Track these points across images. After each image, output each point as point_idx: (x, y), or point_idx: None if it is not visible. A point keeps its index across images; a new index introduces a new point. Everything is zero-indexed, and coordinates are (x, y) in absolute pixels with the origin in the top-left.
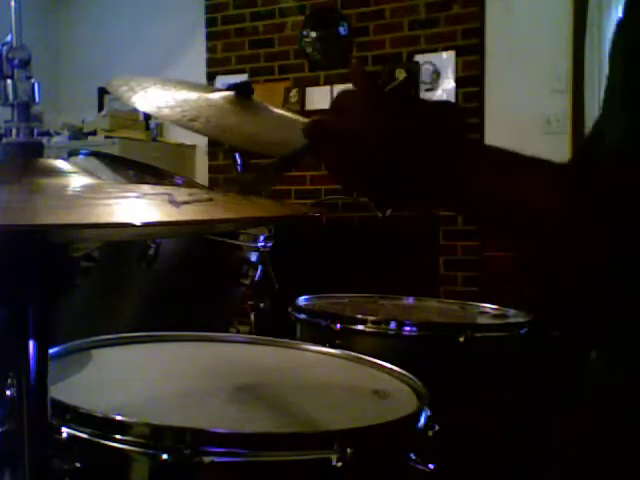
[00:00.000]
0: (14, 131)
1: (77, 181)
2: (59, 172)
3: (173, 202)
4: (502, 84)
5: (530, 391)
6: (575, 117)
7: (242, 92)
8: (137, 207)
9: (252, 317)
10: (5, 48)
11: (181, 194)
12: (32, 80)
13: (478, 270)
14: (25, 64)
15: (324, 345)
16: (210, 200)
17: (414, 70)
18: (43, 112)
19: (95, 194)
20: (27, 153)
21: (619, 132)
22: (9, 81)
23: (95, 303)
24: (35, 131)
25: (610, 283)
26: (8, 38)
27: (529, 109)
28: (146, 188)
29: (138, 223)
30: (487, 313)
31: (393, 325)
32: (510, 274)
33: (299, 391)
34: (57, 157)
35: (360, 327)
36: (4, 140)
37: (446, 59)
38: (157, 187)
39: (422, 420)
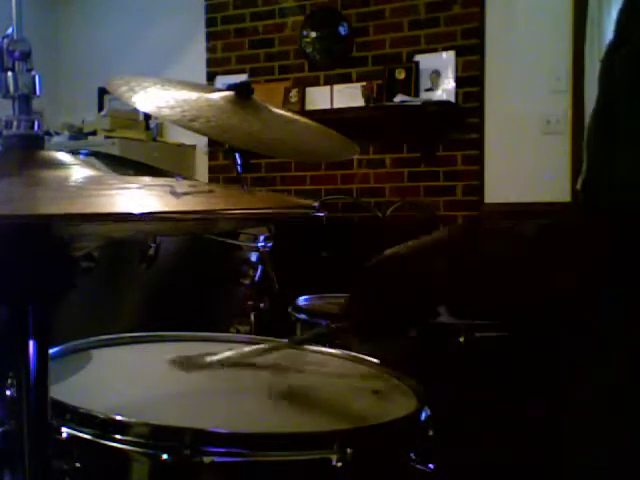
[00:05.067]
0: (15, 123)
1: (78, 173)
2: (60, 164)
3: (174, 193)
4: (502, 84)
5: (530, 391)
6: (575, 117)
7: (242, 92)
8: (138, 198)
9: (252, 317)
10: (6, 40)
11: (182, 185)
12: (33, 72)
13: None
14: (26, 56)
15: (324, 345)
16: (211, 191)
17: (414, 70)
18: (43, 111)
19: (96, 185)
20: (28, 145)
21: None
22: (10, 73)
23: (95, 303)
24: (36, 123)
25: (610, 282)
26: (9, 30)
27: (529, 109)
28: (147, 180)
29: (137, 212)
30: None
31: None
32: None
33: (299, 391)
34: None
35: None
36: (5, 132)
37: (446, 59)
38: (158, 179)
39: (422, 420)
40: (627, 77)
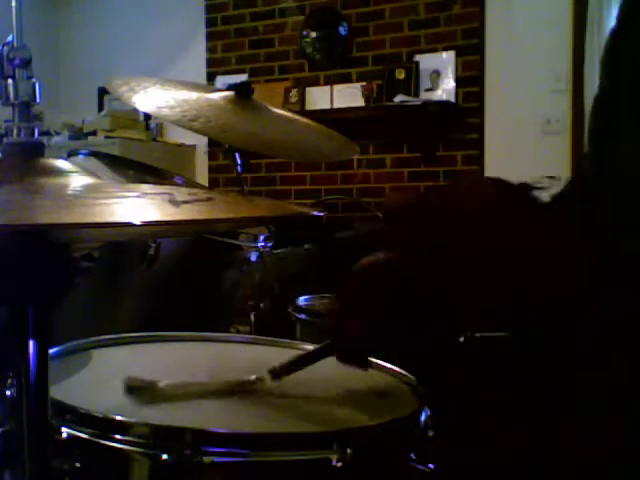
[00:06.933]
0: (15, 131)
1: (77, 181)
2: (59, 172)
3: (173, 201)
4: (502, 84)
5: (530, 391)
6: (575, 117)
7: (242, 92)
8: (137, 206)
9: (252, 317)
10: (6, 48)
11: (181, 193)
12: (33, 80)
13: None
14: (26, 64)
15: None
16: (210, 199)
17: (414, 70)
18: (43, 112)
19: (95, 194)
20: (28, 153)
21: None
22: (10, 81)
23: (95, 303)
24: (36, 131)
25: (609, 282)
26: (9, 38)
27: (529, 109)
28: (146, 188)
29: (138, 222)
30: None
31: None
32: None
33: (299, 391)
34: (57, 157)
35: None
36: (5, 140)
37: (446, 59)
38: (157, 187)
39: (422, 420)
40: (633, 62)
